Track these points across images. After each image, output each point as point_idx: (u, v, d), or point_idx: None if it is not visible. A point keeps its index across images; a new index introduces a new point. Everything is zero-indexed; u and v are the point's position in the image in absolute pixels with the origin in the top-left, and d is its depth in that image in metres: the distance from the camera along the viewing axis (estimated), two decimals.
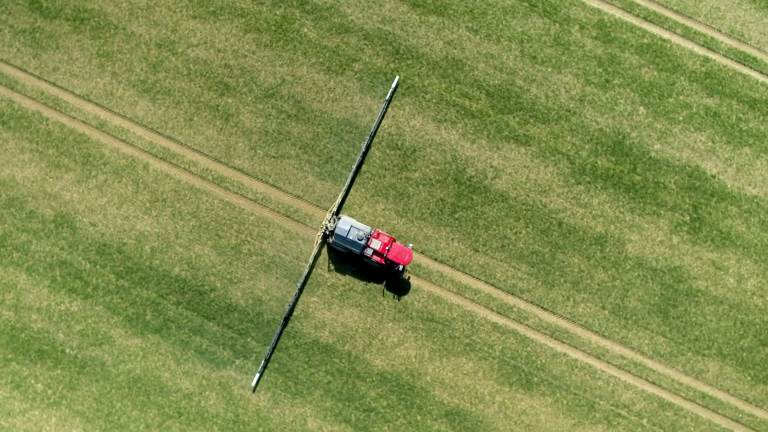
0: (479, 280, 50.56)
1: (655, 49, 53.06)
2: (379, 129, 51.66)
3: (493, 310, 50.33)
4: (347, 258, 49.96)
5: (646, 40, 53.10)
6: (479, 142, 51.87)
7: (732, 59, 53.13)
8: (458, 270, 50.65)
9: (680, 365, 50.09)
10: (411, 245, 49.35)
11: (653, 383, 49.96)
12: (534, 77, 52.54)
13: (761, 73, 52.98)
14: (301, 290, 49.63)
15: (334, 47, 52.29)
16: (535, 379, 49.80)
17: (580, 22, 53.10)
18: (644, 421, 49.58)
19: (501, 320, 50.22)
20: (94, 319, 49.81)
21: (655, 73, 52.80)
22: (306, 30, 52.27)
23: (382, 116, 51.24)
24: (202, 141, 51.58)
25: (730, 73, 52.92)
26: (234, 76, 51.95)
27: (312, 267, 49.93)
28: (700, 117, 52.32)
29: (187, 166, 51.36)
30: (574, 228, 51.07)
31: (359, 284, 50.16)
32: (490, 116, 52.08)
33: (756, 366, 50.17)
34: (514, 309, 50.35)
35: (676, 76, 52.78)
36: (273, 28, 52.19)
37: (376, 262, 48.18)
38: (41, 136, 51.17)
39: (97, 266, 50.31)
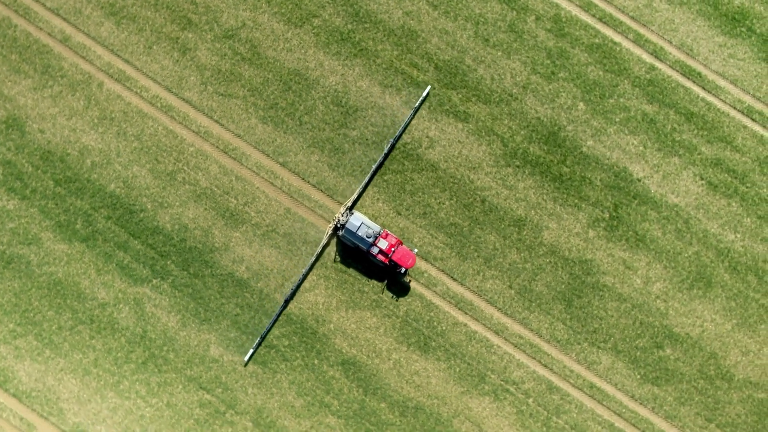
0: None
1: (604, 50, 54.65)
2: (326, 86, 53.62)
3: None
4: (352, 251, 51.77)
5: (597, 40, 54.71)
6: (420, 112, 53.71)
7: (677, 71, 54.61)
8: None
9: (574, 353, 51.72)
10: (416, 250, 51.07)
11: (545, 366, 51.63)
12: (483, 59, 54.30)
13: (703, 89, 54.41)
14: (305, 277, 51.40)
15: (297, 0, 54.35)
16: (433, 343, 51.61)
17: (537, 13, 54.78)
18: (530, 400, 51.27)
19: (412, 283, 52.01)
20: (27, 220, 52.18)
21: (601, 73, 54.40)
22: None
23: (408, 123, 52.79)
24: (157, 69, 53.79)
25: (673, 84, 54.40)
26: (198, 12, 54.12)
27: (319, 256, 51.69)
28: (637, 121, 53.86)
29: (139, 91, 53.60)
30: (496, 207, 52.80)
31: (286, 226, 52.24)
32: (434, 89, 53.90)
33: (647, 366, 51.70)
34: (425, 274, 52.18)
35: (620, 78, 54.35)
36: None
37: (380, 262, 49.86)
38: (7, 41, 53.58)
39: (39, 171, 52.68)
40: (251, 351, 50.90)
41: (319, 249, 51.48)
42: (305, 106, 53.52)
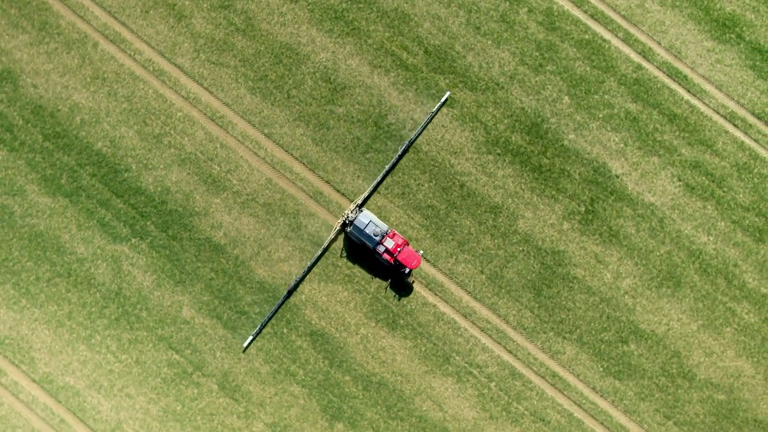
0: None
1: (593, 47, 55.29)
2: (316, 62, 54.48)
3: None
4: (358, 248, 52.52)
5: (587, 36, 55.35)
6: (406, 94, 54.49)
7: (664, 72, 55.20)
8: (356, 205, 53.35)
9: (539, 342, 52.41)
10: (421, 252, 51.81)
11: (510, 352, 52.34)
12: (473, 46, 55.02)
13: (688, 91, 54.99)
14: (309, 269, 52.17)
15: None
16: (401, 321, 52.39)
17: (529, 5, 55.46)
18: (492, 384, 52.00)
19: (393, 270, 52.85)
20: (14, 172, 53.22)
21: (588, 68, 55.04)
22: None
23: (424, 127, 53.48)
24: (152, 34, 54.73)
25: (659, 85, 55.00)
26: None
27: (325, 250, 52.49)
28: (620, 119, 54.50)
29: (132, 53, 54.55)
30: (474, 193, 53.52)
31: (266, 196, 53.11)
32: (422, 72, 54.67)
33: (611, 360, 52.34)
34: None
35: (606, 75, 54.99)
36: None
37: (386, 260, 50.66)
38: None
39: (29, 124, 53.71)
40: (249, 339, 51.82)
41: (326, 243, 52.06)
42: (294, 80, 54.36)
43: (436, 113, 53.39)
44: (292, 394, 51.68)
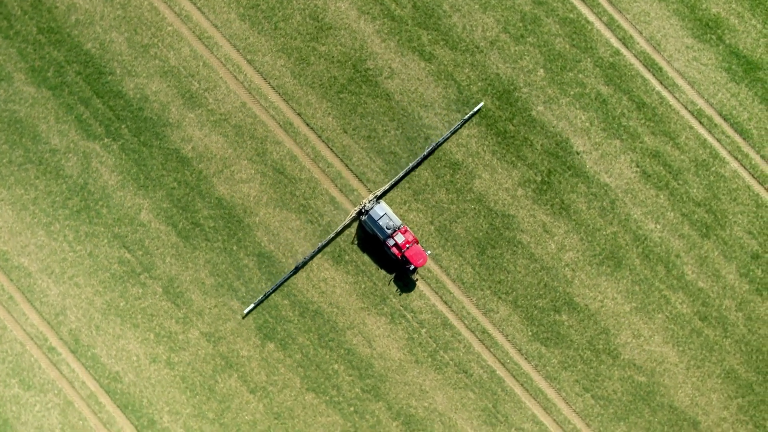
0: (336, 156, 55.10)
1: (576, 26, 56.75)
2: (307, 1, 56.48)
3: (337, 187, 54.84)
4: (369, 237, 54.08)
5: (572, 15, 56.80)
6: (388, 43, 56.24)
7: (640, 61, 56.55)
8: (322, 141, 55.25)
9: (475, 298, 54.05)
10: (429, 252, 53.47)
11: (445, 303, 54.02)
12: (460, 7, 56.65)
13: (661, 83, 56.31)
14: (319, 250, 53.82)
15: None
16: (347, 257, 54.21)
17: None
18: (423, 330, 53.71)
19: (340, 198, 54.72)
20: (4, 58, 55.56)
21: (567, 46, 56.51)
22: None
23: (454, 131, 54.78)
24: None
25: (633, 73, 56.37)
26: None
27: (338, 234, 54.22)
28: (590, 99, 55.94)
29: None
30: (437, 146, 55.19)
31: (238, 119, 55.11)
32: (407, 25, 56.39)
33: (541, 326, 53.89)
34: (355, 192, 54.78)
35: (584, 56, 56.43)
36: None
37: (393, 254, 52.37)
38: None
39: (26, 16, 56.03)
40: (251, 306, 53.86)
41: (339, 228, 53.74)
42: (284, 13, 56.25)
43: (467, 120, 54.70)
44: (232, 309, 53.68)
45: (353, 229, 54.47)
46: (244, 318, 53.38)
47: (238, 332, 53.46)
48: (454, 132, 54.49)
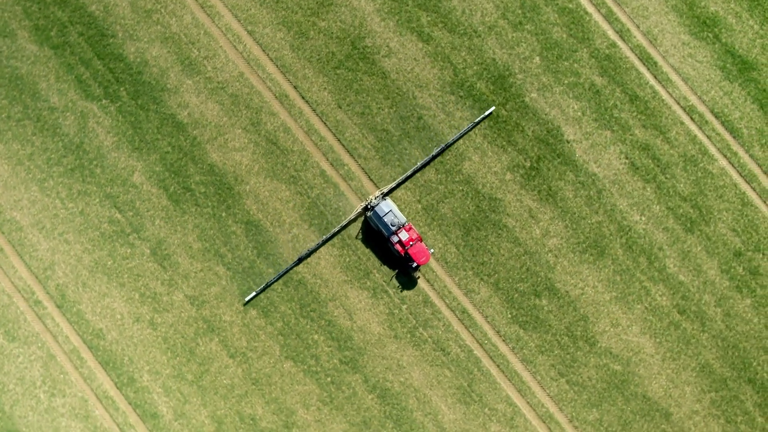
0: (329, 131, 55.80)
1: (574, 16, 57.28)
2: None
3: (328, 161, 55.52)
4: (375, 234, 54.65)
5: (571, 5, 57.33)
6: (388, 23, 56.88)
7: (636, 55, 57.05)
8: (316, 115, 55.94)
9: (458, 278, 54.67)
10: (432, 250, 54.08)
11: (427, 281, 54.65)
12: None
13: (655, 77, 56.80)
14: (323, 243, 54.44)
15: None
16: (334, 230, 54.91)
17: None
18: (404, 306, 54.37)
19: (330, 171, 55.42)
20: (9, 15, 56.43)
21: (565, 35, 57.05)
22: None
23: (463, 134, 55.27)
24: None
25: (628, 66, 56.87)
26: None
27: (343, 228, 54.81)
28: (583, 89, 56.47)
29: None
30: (429, 127, 55.84)
31: (235, 88, 55.83)
32: (407, 5, 57.02)
33: (520, 309, 54.48)
34: (346, 167, 55.47)
35: (581, 46, 56.96)
36: None
37: (396, 251, 53.02)
38: None
39: None
40: (253, 294, 54.62)
41: (344, 222, 54.37)
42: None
43: (477, 123, 55.21)
44: (217, 274, 54.45)
45: (339, 202, 55.16)
46: (228, 283, 54.11)
47: (222, 297, 54.23)
48: (464, 134, 54.87)
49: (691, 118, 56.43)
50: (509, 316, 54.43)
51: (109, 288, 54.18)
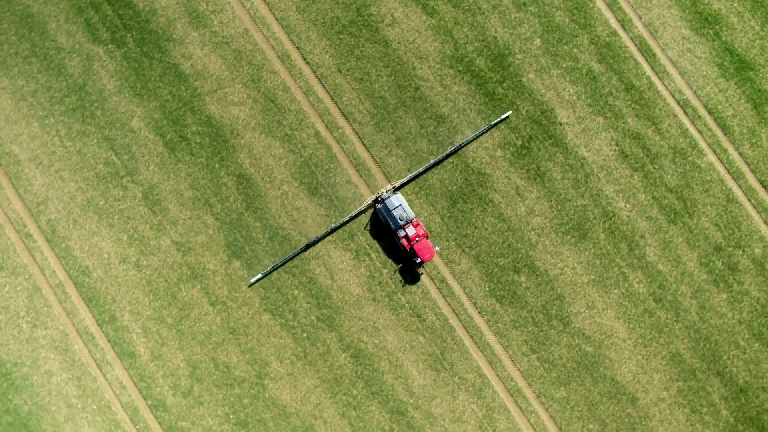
0: (327, 93, 56.76)
1: (578, 2, 58.02)
2: None
3: (323, 122, 56.50)
4: (382, 227, 55.46)
5: None
6: None
7: (636, 45, 57.75)
8: (316, 77, 56.92)
9: (439, 247, 55.53)
10: (437, 248, 55.00)
11: None
12: None
13: (652, 69, 57.50)
14: (330, 232, 55.29)
15: None
16: (322, 190, 55.93)
17: None
18: (385, 271, 55.29)
19: (324, 132, 56.39)
20: None
21: (567, 20, 57.81)
22: None
23: (477, 136, 55.99)
24: None
25: (627, 55, 57.58)
26: None
27: (351, 219, 55.62)
28: (580, 74, 57.22)
29: None
30: (425, 98, 56.74)
31: (239, 44, 56.87)
32: None
33: (498, 284, 55.34)
34: (340, 129, 56.45)
35: (582, 31, 57.71)
36: None
37: (402, 246, 53.97)
38: None
39: None
40: (258, 276, 55.73)
41: (354, 212, 55.21)
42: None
43: (493, 126, 56.00)
44: (205, 223, 55.54)
45: (322, 156, 56.12)
46: (215, 233, 55.18)
47: (208, 245, 55.32)
48: (478, 137, 55.61)
49: (685, 112, 57.10)
50: (487, 289, 55.29)
51: (98, 227, 55.37)
